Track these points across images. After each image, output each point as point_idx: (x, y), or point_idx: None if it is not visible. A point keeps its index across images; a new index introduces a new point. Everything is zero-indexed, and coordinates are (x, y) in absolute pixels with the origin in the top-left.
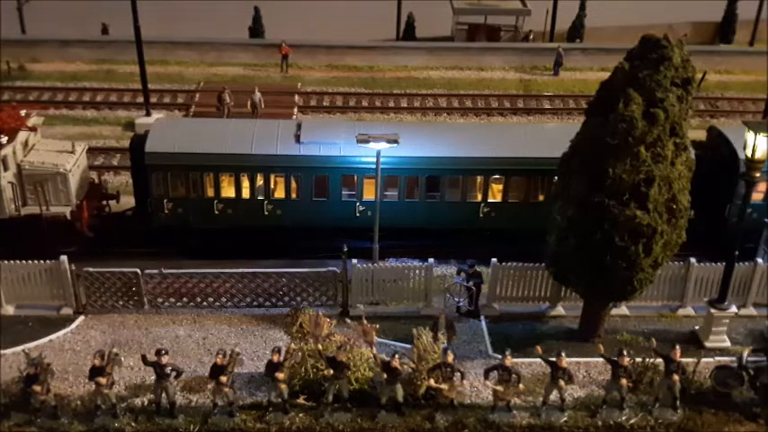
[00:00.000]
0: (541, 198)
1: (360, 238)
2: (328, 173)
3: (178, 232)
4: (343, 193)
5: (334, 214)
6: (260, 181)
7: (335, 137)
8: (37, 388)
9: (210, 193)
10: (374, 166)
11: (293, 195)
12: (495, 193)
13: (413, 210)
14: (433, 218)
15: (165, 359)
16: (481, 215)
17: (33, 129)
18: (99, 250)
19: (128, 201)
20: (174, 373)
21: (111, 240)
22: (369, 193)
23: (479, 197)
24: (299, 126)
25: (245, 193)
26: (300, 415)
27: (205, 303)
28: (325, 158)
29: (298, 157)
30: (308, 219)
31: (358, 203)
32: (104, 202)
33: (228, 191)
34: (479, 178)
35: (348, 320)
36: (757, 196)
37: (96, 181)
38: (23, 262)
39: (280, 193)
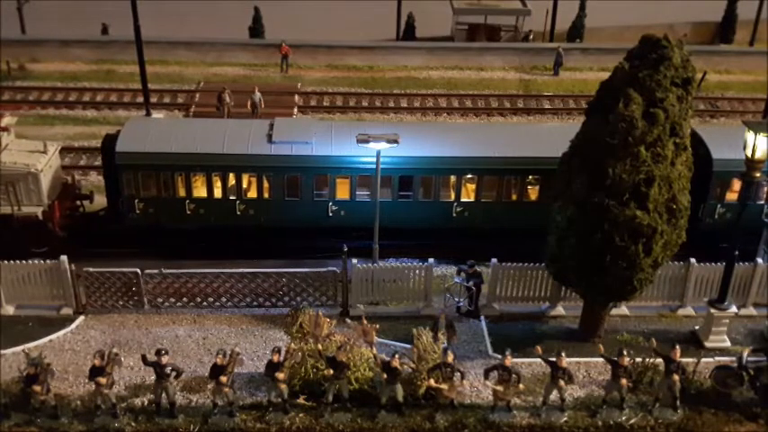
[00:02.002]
0: (515, 197)
1: (333, 237)
2: (300, 172)
3: (150, 232)
4: (316, 192)
5: (307, 214)
6: (232, 181)
7: (308, 136)
8: (37, 388)
9: (182, 192)
10: (346, 166)
11: (265, 195)
12: (468, 193)
13: (385, 210)
14: (407, 217)
15: (165, 359)
16: (454, 215)
17: (5, 129)
18: (72, 251)
19: (103, 201)
20: (174, 373)
21: (84, 240)
22: (342, 193)
23: (452, 197)
24: (271, 125)
25: (217, 193)
26: (300, 415)
27: (205, 303)
28: (296, 158)
29: (269, 156)
30: (280, 219)
31: (331, 203)
32: (78, 203)
33: (200, 191)
34: (452, 178)
35: (348, 320)
36: (732, 196)
37: (70, 181)
38: (23, 262)
39: (252, 193)
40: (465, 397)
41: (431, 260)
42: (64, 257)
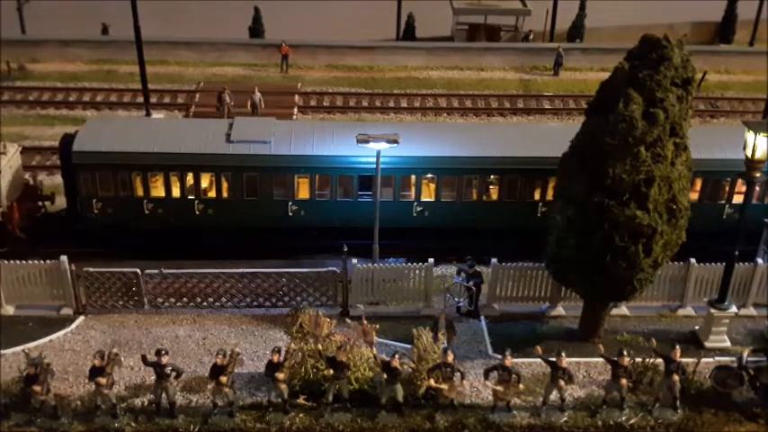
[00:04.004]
0: (475, 197)
1: (294, 237)
2: (259, 172)
3: (109, 232)
4: (275, 192)
5: (266, 214)
6: (190, 180)
7: (266, 136)
8: (37, 388)
9: (140, 192)
10: (306, 165)
11: (224, 195)
12: (429, 193)
13: (347, 209)
14: (368, 216)
15: (165, 359)
16: (414, 214)
17: None
18: (32, 251)
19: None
20: (174, 374)
21: (45, 241)
22: (302, 193)
23: (413, 196)
24: (230, 125)
25: (176, 193)
26: (300, 415)
27: (205, 303)
28: (255, 157)
29: (227, 156)
30: (239, 218)
31: (290, 203)
32: (40, 203)
33: (158, 190)
34: (412, 177)
35: (348, 320)
36: (693, 195)
37: (32, 182)
38: (23, 262)
39: (211, 193)
40: (465, 397)
41: (431, 260)
42: (64, 257)
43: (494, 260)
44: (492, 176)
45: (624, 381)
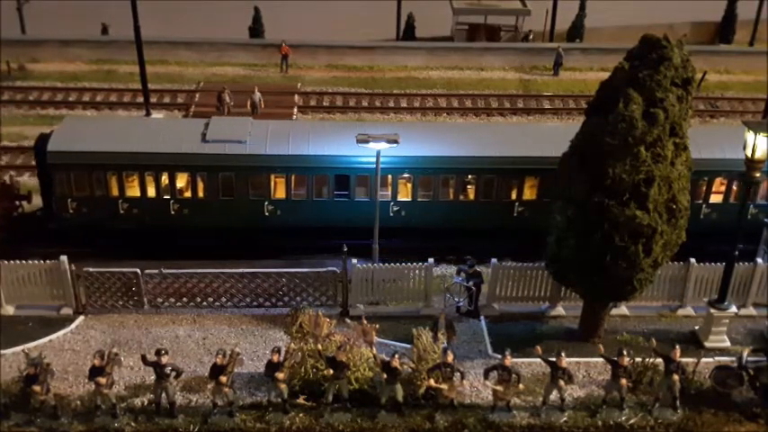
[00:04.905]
0: (451, 197)
1: (270, 237)
2: (234, 172)
3: (84, 232)
4: (251, 192)
5: (243, 214)
6: (165, 180)
7: (242, 135)
8: (37, 388)
9: (115, 192)
10: (281, 165)
11: (200, 195)
12: (406, 192)
13: (323, 209)
14: (344, 217)
15: (164, 359)
16: (391, 213)
17: None
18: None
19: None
20: (173, 373)
21: (21, 240)
22: (279, 193)
23: (389, 195)
24: (206, 125)
25: (151, 193)
26: (300, 415)
27: (205, 303)
28: (230, 157)
29: (202, 155)
30: (215, 218)
31: (266, 203)
32: (17, 203)
33: (134, 190)
34: (389, 177)
35: (348, 320)
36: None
37: (8, 181)
38: (23, 262)
39: (186, 193)
40: (465, 397)
41: (431, 260)
42: (64, 257)
43: (494, 260)
44: (470, 176)
45: (624, 381)
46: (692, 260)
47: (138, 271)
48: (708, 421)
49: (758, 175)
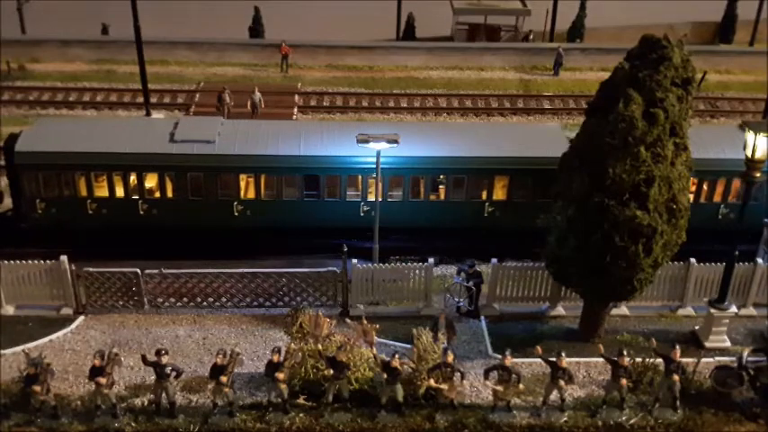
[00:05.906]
0: (422, 197)
1: (239, 237)
2: (203, 172)
3: (53, 232)
4: (220, 192)
5: (212, 214)
6: (134, 181)
7: (210, 135)
8: (37, 388)
9: (83, 192)
10: (250, 165)
11: (168, 195)
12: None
13: (293, 209)
14: (313, 217)
15: (165, 359)
16: (362, 213)
17: None
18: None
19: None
20: (174, 373)
21: None
22: (248, 193)
23: (359, 195)
24: (175, 124)
25: (119, 193)
26: (300, 415)
27: (205, 303)
28: (198, 157)
29: (171, 155)
30: (184, 219)
31: (236, 203)
32: None
33: (102, 190)
34: (359, 177)
35: (348, 320)
36: None
37: None
38: (23, 262)
39: (155, 193)
40: (465, 397)
41: (431, 260)
42: (64, 257)
43: (494, 260)
44: (441, 176)
45: (624, 381)
46: (693, 260)
47: (139, 271)
48: (708, 421)
49: (758, 175)
